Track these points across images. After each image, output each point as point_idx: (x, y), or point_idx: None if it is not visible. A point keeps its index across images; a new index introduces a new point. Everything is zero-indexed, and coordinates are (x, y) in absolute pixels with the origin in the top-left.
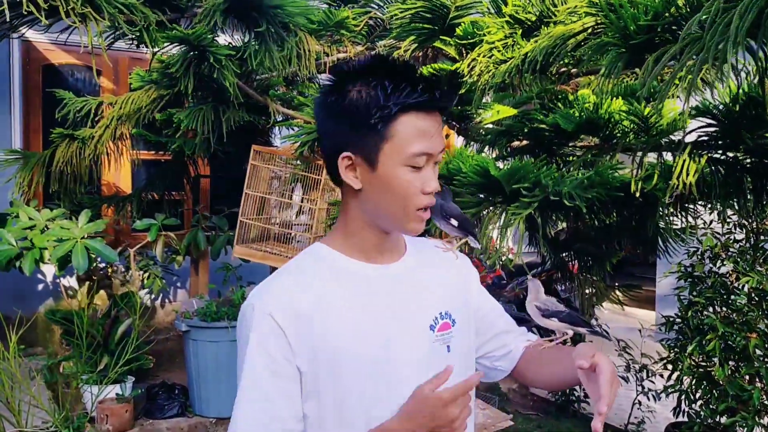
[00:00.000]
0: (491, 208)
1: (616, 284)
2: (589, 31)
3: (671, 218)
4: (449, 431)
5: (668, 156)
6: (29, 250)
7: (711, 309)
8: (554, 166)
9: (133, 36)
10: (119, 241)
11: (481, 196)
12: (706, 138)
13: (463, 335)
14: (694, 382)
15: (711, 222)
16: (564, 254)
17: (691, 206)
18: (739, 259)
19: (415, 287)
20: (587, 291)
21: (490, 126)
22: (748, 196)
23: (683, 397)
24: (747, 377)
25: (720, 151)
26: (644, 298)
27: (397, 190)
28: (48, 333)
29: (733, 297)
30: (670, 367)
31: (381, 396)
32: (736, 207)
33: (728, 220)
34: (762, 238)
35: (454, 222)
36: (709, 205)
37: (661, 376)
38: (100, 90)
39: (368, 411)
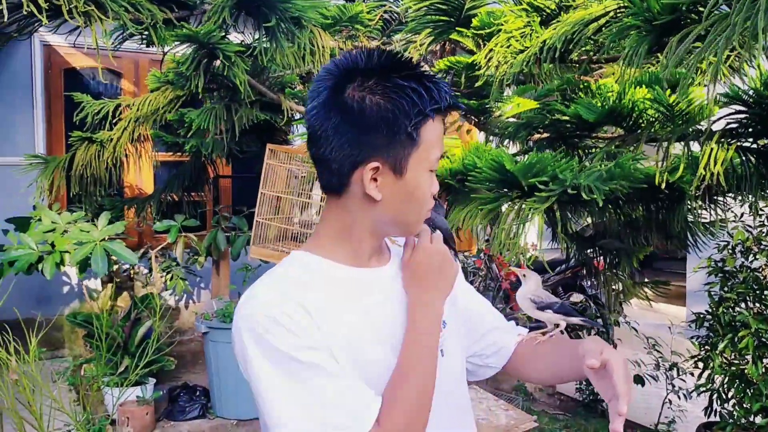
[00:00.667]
0: (509, 203)
1: (645, 280)
2: (611, 14)
3: (700, 211)
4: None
5: (696, 146)
6: (50, 253)
7: (743, 305)
8: (575, 159)
9: (142, 35)
10: (142, 243)
11: (499, 191)
12: (735, 125)
13: (454, 337)
14: (726, 380)
15: (742, 215)
16: (589, 250)
17: (721, 198)
18: None
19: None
20: (614, 288)
21: (512, 120)
22: None
23: (715, 396)
24: None
25: (750, 139)
26: (675, 293)
27: (420, 195)
28: (73, 335)
29: (766, 292)
30: (701, 365)
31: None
32: None
33: (760, 212)
34: None
35: (439, 234)
36: (740, 197)
37: (692, 374)
38: (121, 92)
39: None
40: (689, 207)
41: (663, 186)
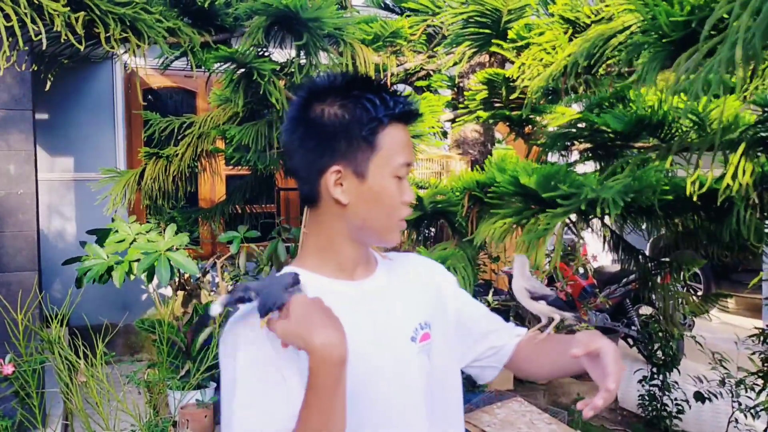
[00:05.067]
0: (529, 217)
1: (710, 293)
2: (633, 28)
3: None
4: None
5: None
6: (119, 263)
7: None
8: (594, 173)
9: (186, 57)
10: (215, 253)
11: (520, 204)
12: (765, 134)
13: (443, 343)
14: None
15: None
16: (653, 263)
17: None
18: None
19: (393, 300)
20: (679, 300)
21: (552, 130)
22: None
23: None
24: None
25: None
26: (752, 305)
27: (386, 201)
28: (149, 340)
29: None
30: (760, 382)
31: (370, 414)
32: None
33: None
34: None
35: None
36: None
37: (752, 390)
38: (197, 110)
39: (356, 430)
40: (743, 217)
41: (695, 198)
